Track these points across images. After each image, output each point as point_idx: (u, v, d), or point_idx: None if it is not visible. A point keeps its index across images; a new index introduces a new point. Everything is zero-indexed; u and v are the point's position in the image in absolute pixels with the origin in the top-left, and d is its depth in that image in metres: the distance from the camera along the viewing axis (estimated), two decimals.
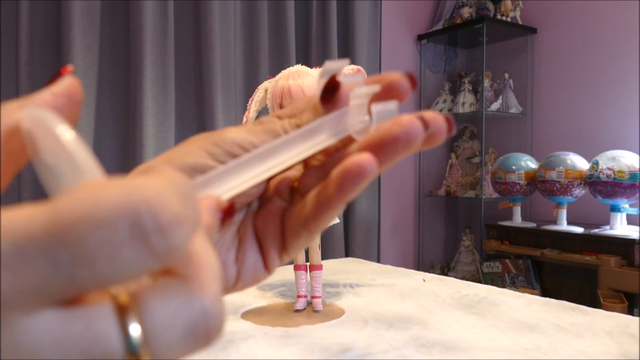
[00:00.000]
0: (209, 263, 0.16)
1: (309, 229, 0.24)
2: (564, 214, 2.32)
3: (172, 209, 0.13)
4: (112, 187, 0.13)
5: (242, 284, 0.25)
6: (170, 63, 2.01)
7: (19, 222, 0.12)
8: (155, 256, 0.13)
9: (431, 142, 0.23)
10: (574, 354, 0.73)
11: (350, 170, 0.21)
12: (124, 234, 0.12)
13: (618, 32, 2.39)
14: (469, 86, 2.83)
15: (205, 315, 0.15)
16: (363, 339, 0.79)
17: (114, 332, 0.13)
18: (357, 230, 2.51)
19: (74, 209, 0.12)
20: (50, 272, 0.12)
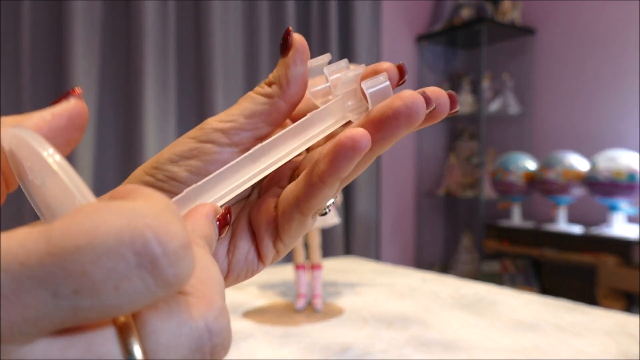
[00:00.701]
0: (212, 277, 0.15)
1: (301, 210, 0.23)
2: (563, 213, 2.32)
3: (178, 233, 0.12)
4: (111, 212, 0.12)
5: (235, 277, 0.24)
6: (170, 63, 2.01)
7: (13, 250, 0.11)
8: (165, 285, 0.12)
9: (433, 118, 0.22)
10: (573, 353, 0.73)
11: (344, 144, 0.20)
12: (131, 263, 0.12)
13: (617, 33, 2.40)
14: (468, 86, 2.84)
15: (210, 332, 0.14)
16: (363, 339, 0.80)
17: (116, 353, 0.13)
18: (357, 229, 2.51)
19: (73, 237, 0.11)
20: (51, 303, 0.11)
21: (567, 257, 2.22)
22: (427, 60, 2.92)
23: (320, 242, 0.98)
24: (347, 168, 0.21)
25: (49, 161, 0.15)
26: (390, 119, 0.21)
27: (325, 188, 0.21)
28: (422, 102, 0.21)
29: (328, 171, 0.21)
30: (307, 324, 0.87)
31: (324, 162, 0.21)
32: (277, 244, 0.24)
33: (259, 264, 0.24)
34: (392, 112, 0.21)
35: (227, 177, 0.22)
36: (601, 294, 2.06)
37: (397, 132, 0.21)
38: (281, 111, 0.24)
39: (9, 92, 1.78)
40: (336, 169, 0.21)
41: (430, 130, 2.97)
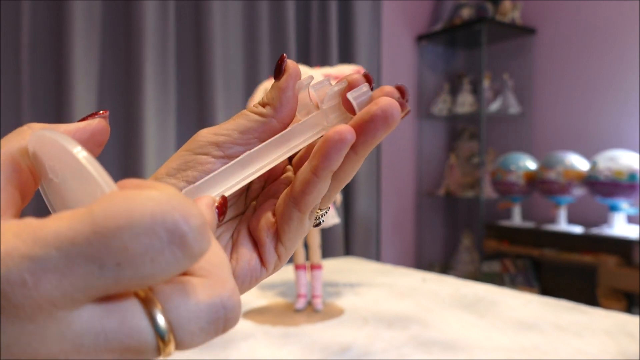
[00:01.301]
0: (222, 261, 0.18)
1: (299, 208, 0.24)
2: (563, 213, 2.32)
3: (198, 214, 0.15)
4: (143, 197, 0.14)
5: (239, 285, 0.25)
6: (170, 63, 2.01)
7: (63, 231, 0.13)
8: (191, 257, 0.15)
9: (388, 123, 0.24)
10: (572, 352, 0.73)
11: (332, 138, 0.23)
12: (163, 240, 0.14)
13: (617, 33, 2.40)
14: (468, 86, 2.84)
15: (225, 308, 0.17)
16: (363, 338, 0.80)
17: (145, 324, 0.15)
18: (357, 229, 2.51)
19: (114, 218, 0.14)
20: (98, 274, 0.14)
21: (567, 257, 2.22)
22: (427, 60, 2.92)
23: (320, 242, 0.98)
24: (336, 160, 0.23)
25: (79, 157, 0.16)
26: (369, 123, 0.23)
27: (319, 182, 0.24)
28: (397, 106, 0.23)
29: (320, 165, 0.23)
30: (307, 324, 0.87)
31: (315, 157, 0.23)
32: (278, 248, 0.26)
33: (262, 270, 0.26)
34: (370, 116, 0.23)
35: (219, 181, 0.24)
36: (601, 294, 2.06)
37: (377, 134, 0.23)
38: (273, 129, 0.26)
39: (9, 92, 1.78)
40: (327, 161, 0.23)
41: (430, 130, 2.97)
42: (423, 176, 2.94)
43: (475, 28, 2.63)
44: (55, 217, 0.14)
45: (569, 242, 2.25)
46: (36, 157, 0.19)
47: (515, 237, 2.47)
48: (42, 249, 0.13)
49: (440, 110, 2.87)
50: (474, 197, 2.76)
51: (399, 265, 2.68)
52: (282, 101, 0.26)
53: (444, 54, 3.00)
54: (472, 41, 2.80)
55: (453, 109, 2.85)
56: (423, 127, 2.93)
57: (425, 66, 2.91)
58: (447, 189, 2.89)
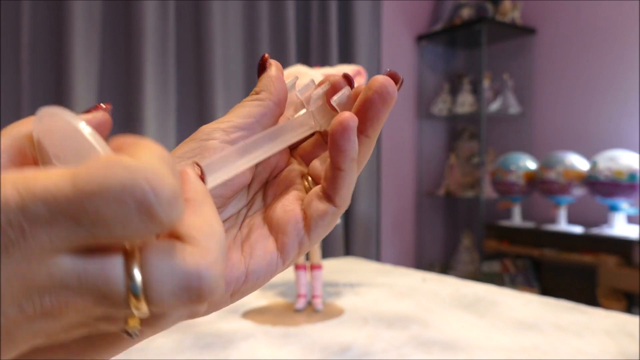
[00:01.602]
0: (213, 232, 0.18)
1: (335, 203, 0.25)
2: (563, 213, 2.32)
3: (170, 185, 0.16)
4: (119, 166, 0.15)
5: (254, 280, 0.25)
6: (170, 63, 2.01)
7: (49, 186, 0.15)
8: (158, 224, 0.16)
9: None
10: (572, 353, 0.73)
11: (337, 130, 0.24)
12: (132, 208, 0.15)
13: (617, 33, 2.40)
14: (468, 86, 2.84)
15: (200, 278, 0.17)
16: (363, 338, 0.80)
17: (120, 275, 0.16)
18: (357, 229, 2.51)
19: (90, 184, 0.15)
20: (75, 228, 0.15)
21: (567, 257, 2.22)
22: (427, 60, 2.92)
23: (320, 242, 0.98)
24: (352, 148, 0.24)
25: (84, 132, 0.17)
26: (370, 107, 0.24)
27: (347, 174, 0.25)
28: (390, 82, 0.24)
29: (341, 159, 0.24)
30: (307, 324, 0.87)
31: (334, 153, 0.24)
32: (303, 241, 0.26)
33: (279, 264, 0.26)
34: (369, 100, 0.24)
35: (214, 168, 0.24)
36: (601, 294, 2.06)
37: (380, 114, 0.25)
38: (272, 112, 0.27)
39: (9, 91, 1.78)
40: (345, 152, 0.24)
41: (430, 130, 2.97)
42: (423, 176, 2.94)
43: (475, 28, 2.63)
44: (47, 171, 0.15)
45: (569, 242, 2.25)
46: (40, 145, 0.19)
47: (515, 237, 2.47)
48: (32, 202, 0.15)
49: (440, 110, 2.87)
50: (474, 197, 2.76)
51: (399, 265, 2.68)
52: (275, 86, 0.27)
53: (444, 54, 3.00)
54: (472, 41, 2.80)
55: (453, 109, 2.85)
56: (423, 127, 2.93)
57: (425, 66, 2.91)
58: (447, 189, 2.89)
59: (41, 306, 0.16)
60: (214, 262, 0.17)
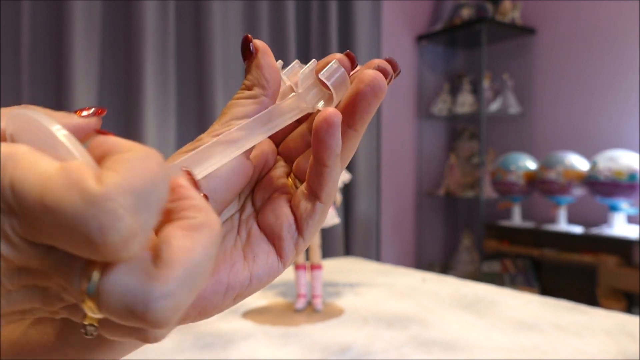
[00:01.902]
0: (193, 259, 0.17)
1: (321, 200, 0.25)
2: (563, 213, 2.32)
3: (120, 230, 0.15)
4: (78, 194, 0.15)
5: (257, 282, 0.25)
6: (170, 63, 2.01)
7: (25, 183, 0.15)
8: (105, 258, 0.15)
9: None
10: (572, 352, 0.73)
11: (321, 127, 0.23)
12: (80, 239, 0.15)
13: (617, 32, 2.40)
14: (468, 86, 2.84)
15: (145, 307, 0.16)
16: (363, 338, 0.80)
17: (78, 275, 0.16)
18: (357, 229, 2.51)
19: (51, 201, 0.15)
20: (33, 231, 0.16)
21: (567, 257, 2.22)
22: (427, 60, 2.92)
23: (320, 242, 0.98)
24: (336, 144, 0.24)
25: (58, 135, 0.16)
26: (359, 100, 0.24)
27: (331, 170, 0.24)
28: (381, 77, 0.24)
29: (325, 155, 0.24)
30: (307, 324, 0.87)
31: (317, 149, 0.24)
32: (298, 242, 0.26)
33: (280, 266, 0.26)
34: (359, 94, 0.24)
35: (198, 159, 0.24)
36: (601, 294, 2.06)
37: (370, 108, 0.24)
38: (267, 106, 0.26)
39: (9, 91, 1.78)
40: (329, 149, 0.24)
41: (430, 130, 2.97)
42: (423, 176, 2.94)
43: (475, 28, 2.63)
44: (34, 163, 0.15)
45: (569, 242, 2.25)
46: (13, 141, 0.19)
47: (515, 237, 2.47)
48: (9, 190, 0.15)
49: (440, 110, 2.87)
50: (474, 197, 2.76)
51: (399, 265, 2.68)
52: (266, 78, 0.26)
53: (444, 54, 3.00)
54: (472, 41, 2.80)
55: (453, 109, 2.85)
56: (423, 127, 2.93)
57: (425, 66, 2.91)
58: (447, 189, 2.88)
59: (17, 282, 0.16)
60: (169, 294, 0.16)
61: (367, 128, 1.35)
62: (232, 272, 0.24)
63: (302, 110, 0.27)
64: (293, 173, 0.28)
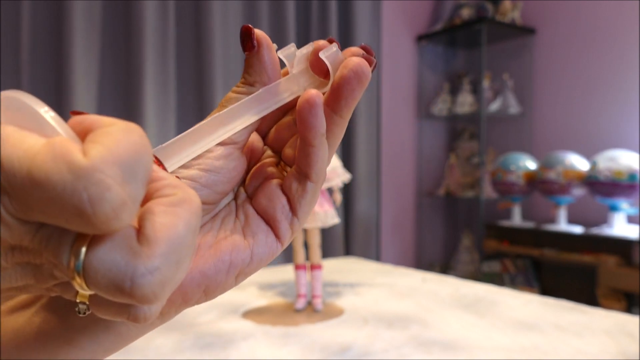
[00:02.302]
0: (177, 235, 0.17)
1: (311, 179, 0.26)
2: (563, 213, 2.32)
3: (111, 198, 0.15)
4: (66, 166, 0.15)
5: (258, 261, 0.26)
6: (170, 63, 2.01)
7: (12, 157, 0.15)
8: (96, 230, 0.16)
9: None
10: (572, 352, 0.73)
11: (303, 107, 0.24)
12: (70, 211, 0.15)
13: (617, 32, 2.40)
14: (468, 86, 2.84)
15: (132, 282, 0.16)
16: (363, 338, 0.80)
17: (67, 252, 0.17)
18: (357, 229, 2.51)
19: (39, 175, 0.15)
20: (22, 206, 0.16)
21: (567, 257, 2.22)
22: (427, 60, 2.92)
23: (320, 242, 0.98)
24: (320, 123, 0.24)
25: (46, 117, 0.17)
26: (344, 86, 0.25)
27: (318, 149, 0.25)
28: (365, 64, 0.25)
29: (309, 134, 0.24)
30: (307, 324, 0.87)
31: (302, 130, 0.25)
32: (293, 222, 0.27)
33: (278, 246, 0.27)
34: (344, 80, 0.25)
35: (189, 142, 0.25)
36: (601, 294, 2.06)
37: (354, 94, 0.25)
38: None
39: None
40: (313, 128, 0.24)
41: (430, 130, 2.97)
42: (423, 176, 2.94)
43: (475, 28, 2.63)
44: (21, 139, 0.16)
45: (569, 242, 2.25)
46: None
47: (515, 237, 2.47)
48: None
49: (440, 110, 2.87)
50: (474, 197, 2.76)
51: (399, 265, 2.68)
52: (269, 75, 0.27)
53: (444, 54, 3.00)
54: (472, 41, 2.80)
55: (453, 109, 2.85)
56: (423, 127, 2.93)
57: (425, 66, 2.91)
58: (447, 189, 2.89)
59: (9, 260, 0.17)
60: (155, 269, 0.17)
61: (367, 128, 1.36)
62: (234, 251, 0.25)
63: (294, 93, 0.27)
64: (282, 160, 0.28)
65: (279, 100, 0.27)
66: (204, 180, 0.26)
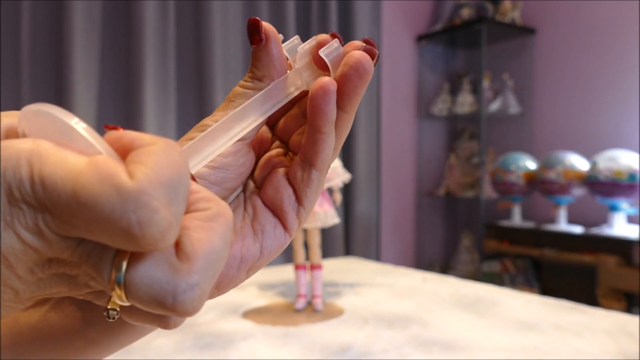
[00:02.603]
0: (213, 250, 0.18)
1: (317, 168, 0.26)
2: (563, 213, 2.32)
3: (159, 221, 0.16)
4: (113, 189, 0.15)
5: (267, 254, 0.26)
6: (170, 63, 2.01)
7: (55, 177, 0.15)
8: (142, 249, 0.16)
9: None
10: (572, 352, 0.73)
11: (317, 93, 0.24)
12: (118, 232, 0.15)
13: (617, 33, 2.40)
14: (468, 86, 2.84)
15: (174, 298, 0.17)
16: (363, 338, 0.80)
17: (108, 265, 0.17)
18: (357, 229, 2.51)
19: (85, 196, 0.15)
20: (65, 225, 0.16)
21: (567, 257, 2.22)
22: (427, 60, 2.92)
23: (320, 242, 0.98)
24: (332, 110, 0.24)
25: (77, 128, 0.17)
26: (346, 82, 0.25)
27: (326, 137, 0.25)
28: (367, 58, 0.25)
29: (320, 121, 0.24)
30: (307, 324, 0.87)
31: (313, 117, 0.24)
32: (299, 212, 0.27)
33: (286, 237, 0.27)
34: (346, 76, 0.25)
35: (206, 143, 0.24)
36: (601, 294, 2.06)
37: (357, 90, 0.25)
38: None
39: (9, 91, 1.78)
40: (324, 115, 0.24)
41: (430, 130, 2.97)
42: (423, 176, 2.94)
43: (475, 28, 2.63)
44: (62, 157, 0.15)
45: (569, 242, 2.25)
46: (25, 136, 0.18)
47: (515, 237, 2.47)
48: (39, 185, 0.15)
49: (440, 110, 2.87)
50: (474, 197, 2.76)
51: (399, 265, 2.68)
52: (277, 69, 0.26)
53: (444, 54, 3.00)
54: (472, 41, 2.80)
55: (453, 109, 2.85)
56: (423, 127, 2.93)
57: (425, 66, 2.91)
58: (447, 189, 2.89)
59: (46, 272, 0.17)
60: (195, 285, 0.17)
61: (367, 128, 1.36)
62: (244, 246, 0.25)
63: (298, 87, 0.27)
64: (290, 150, 0.28)
65: (288, 95, 0.27)
66: (213, 178, 0.26)
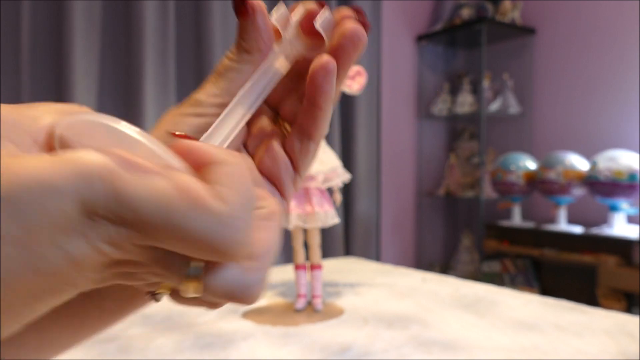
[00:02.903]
0: (271, 245, 0.20)
1: (314, 140, 0.27)
2: (563, 213, 2.32)
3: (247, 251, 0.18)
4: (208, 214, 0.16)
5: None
6: (171, 63, 2.01)
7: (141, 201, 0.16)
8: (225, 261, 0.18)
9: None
10: (572, 352, 0.73)
11: (317, 72, 0.25)
12: (204, 252, 0.17)
13: (617, 33, 2.40)
14: (468, 86, 2.84)
15: (245, 292, 0.19)
16: (363, 338, 0.80)
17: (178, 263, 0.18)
18: (357, 229, 2.51)
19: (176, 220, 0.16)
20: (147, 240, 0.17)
21: (567, 257, 2.22)
22: (427, 60, 2.92)
23: (320, 242, 0.98)
24: (332, 88, 0.25)
25: (128, 132, 0.17)
26: (342, 51, 0.25)
27: (324, 112, 0.26)
28: (361, 29, 0.25)
29: (320, 98, 0.25)
30: (307, 324, 0.87)
31: (312, 93, 0.25)
32: (295, 180, 0.28)
33: (284, 203, 0.28)
34: (341, 47, 0.25)
35: (226, 123, 0.25)
36: (601, 294, 2.06)
37: (351, 58, 0.26)
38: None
39: (9, 92, 1.78)
40: (325, 93, 0.25)
41: (430, 130, 2.97)
42: (423, 176, 2.94)
43: (475, 28, 2.63)
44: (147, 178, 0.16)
45: (569, 242, 2.25)
46: (64, 142, 0.18)
47: (515, 237, 2.47)
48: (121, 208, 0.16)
49: (440, 110, 2.87)
50: (474, 197, 2.76)
51: (399, 265, 2.68)
52: (265, 41, 0.26)
53: (444, 54, 3.00)
54: (472, 41, 2.80)
55: (453, 109, 2.85)
56: (423, 127, 2.93)
57: (425, 66, 2.91)
58: (447, 189, 2.89)
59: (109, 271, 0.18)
60: (261, 280, 0.19)
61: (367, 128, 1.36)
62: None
63: (288, 56, 0.27)
64: (281, 117, 0.29)
65: (282, 67, 0.27)
66: None
